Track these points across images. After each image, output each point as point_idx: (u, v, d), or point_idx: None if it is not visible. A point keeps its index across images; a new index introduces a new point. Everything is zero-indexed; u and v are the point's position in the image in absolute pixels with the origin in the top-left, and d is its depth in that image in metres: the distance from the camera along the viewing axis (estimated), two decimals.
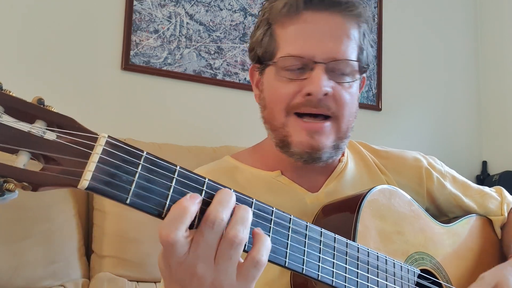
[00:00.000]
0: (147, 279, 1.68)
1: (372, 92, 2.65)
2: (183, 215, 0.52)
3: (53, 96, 1.86)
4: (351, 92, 0.87)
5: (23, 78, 1.87)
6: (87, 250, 1.72)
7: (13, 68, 1.87)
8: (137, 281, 1.66)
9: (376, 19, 2.66)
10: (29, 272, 1.51)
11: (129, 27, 2.07)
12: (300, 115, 0.85)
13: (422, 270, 0.87)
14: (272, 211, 0.62)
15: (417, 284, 0.84)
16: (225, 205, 0.54)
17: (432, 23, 2.91)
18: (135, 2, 2.10)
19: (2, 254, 1.47)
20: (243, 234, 0.54)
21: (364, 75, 0.93)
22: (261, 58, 0.90)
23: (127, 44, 2.06)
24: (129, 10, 2.08)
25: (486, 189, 1.13)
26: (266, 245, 0.57)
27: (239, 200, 0.58)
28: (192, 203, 0.53)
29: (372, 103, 2.64)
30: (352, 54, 0.86)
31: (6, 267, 1.47)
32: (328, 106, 0.84)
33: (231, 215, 0.55)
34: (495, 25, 2.98)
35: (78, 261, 1.63)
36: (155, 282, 1.68)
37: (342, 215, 0.83)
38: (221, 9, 2.29)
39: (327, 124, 0.85)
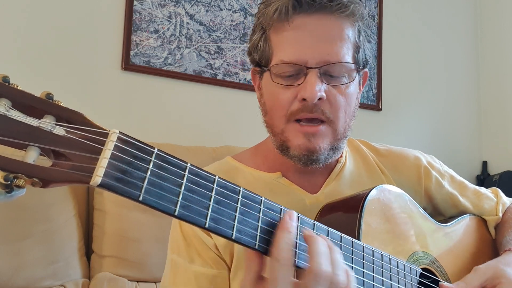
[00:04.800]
0: (147, 279, 1.67)
1: (372, 92, 2.65)
2: (290, 240, 0.62)
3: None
4: (348, 92, 0.86)
5: (24, 78, 1.83)
6: (87, 250, 1.71)
7: (13, 68, 1.86)
8: (137, 281, 1.66)
9: (376, 19, 2.66)
10: (29, 272, 1.50)
11: (129, 27, 2.07)
12: (298, 120, 0.86)
13: (422, 269, 0.88)
14: (280, 209, 0.64)
15: (420, 282, 0.84)
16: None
17: (432, 23, 2.92)
18: (135, 2, 2.09)
19: (2, 254, 1.46)
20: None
21: (366, 69, 0.93)
22: (258, 63, 0.91)
23: (127, 44, 2.05)
24: (129, 10, 2.08)
25: (483, 189, 1.13)
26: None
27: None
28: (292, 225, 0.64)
29: (372, 103, 2.64)
30: (347, 55, 0.85)
31: (6, 267, 1.46)
32: (323, 111, 0.84)
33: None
34: (495, 26, 2.99)
35: (78, 261, 1.62)
36: (155, 282, 1.68)
37: (344, 215, 0.84)
38: (221, 9, 2.28)
39: (323, 127, 0.85)
